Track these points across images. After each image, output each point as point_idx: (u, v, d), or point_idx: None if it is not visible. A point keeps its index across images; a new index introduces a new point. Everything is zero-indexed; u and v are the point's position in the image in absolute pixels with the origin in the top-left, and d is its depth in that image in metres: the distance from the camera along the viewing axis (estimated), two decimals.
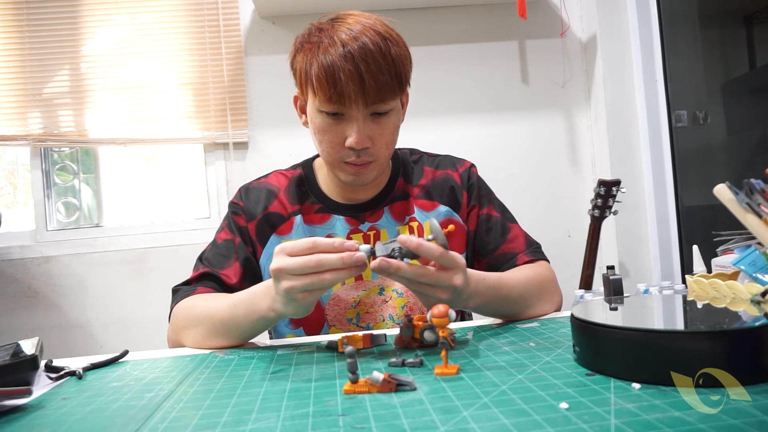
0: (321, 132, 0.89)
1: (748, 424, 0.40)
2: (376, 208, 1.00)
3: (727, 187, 0.67)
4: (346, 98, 0.83)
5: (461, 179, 1.04)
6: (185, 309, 0.87)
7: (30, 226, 2.20)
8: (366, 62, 0.81)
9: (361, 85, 0.82)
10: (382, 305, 0.98)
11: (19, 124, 2.13)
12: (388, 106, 0.87)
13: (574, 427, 0.43)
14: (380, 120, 0.88)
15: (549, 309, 0.91)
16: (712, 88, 2.25)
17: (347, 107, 0.85)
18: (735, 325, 0.53)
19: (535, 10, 2.24)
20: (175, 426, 0.50)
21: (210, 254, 0.98)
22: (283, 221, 0.99)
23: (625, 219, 2.10)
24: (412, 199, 1.02)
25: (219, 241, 0.99)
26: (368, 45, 0.82)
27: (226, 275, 0.94)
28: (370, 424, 0.47)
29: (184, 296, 0.90)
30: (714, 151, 2.25)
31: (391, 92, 0.85)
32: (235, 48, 2.19)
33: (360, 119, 0.86)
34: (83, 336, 2.13)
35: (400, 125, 0.94)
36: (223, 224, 1.02)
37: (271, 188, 1.02)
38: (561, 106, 2.30)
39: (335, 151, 0.90)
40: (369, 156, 0.89)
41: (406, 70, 0.88)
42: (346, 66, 0.81)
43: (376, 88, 0.83)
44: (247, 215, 1.00)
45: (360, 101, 0.84)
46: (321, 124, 0.89)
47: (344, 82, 0.82)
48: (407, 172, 1.04)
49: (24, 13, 2.14)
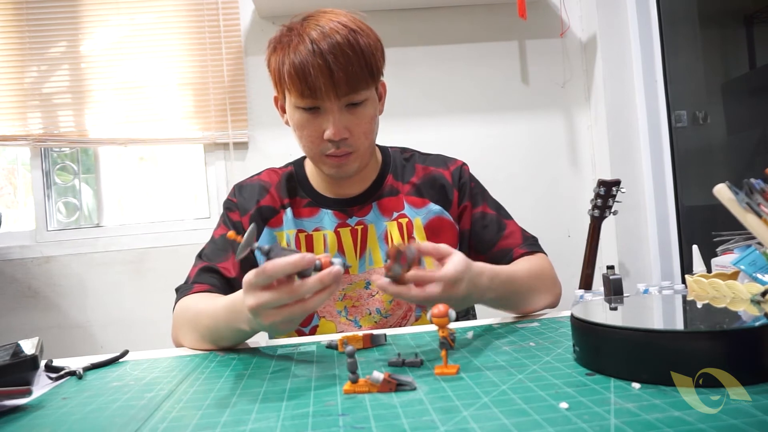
0: (300, 128, 0.92)
1: (748, 424, 0.40)
2: (365, 203, 1.02)
3: (727, 187, 0.67)
4: (318, 92, 0.86)
5: (452, 177, 1.05)
6: (182, 310, 0.89)
7: (30, 226, 2.20)
8: (334, 55, 0.84)
9: (330, 78, 0.85)
10: (369, 299, 0.99)
11: (19, 124, 2.13)
12: (361, 96, 0.90)
13: (574, 427, 0.43)
14: (356, 110, 0.90)
15: (551, 300, 0.94)
16: (712, 88, 2.25)
17: (321, 100, 0.87)
18: (735, 325, 0.53)
19: (535, 10, 2.24)
20: (175, 426, 0.50)
21: (208, 250, 0.99)
22: (274, 214, 1.01)
23: (625, 219, 2.10)
24: (402, 195, 1.03)
25: (216, 237, 1.01)
26: (336, 39, 0.85)
27: (225, 268, 0.96)
28: (370, 424, 0.47)
29: (182, 296, 0.91)
30: (714, 151, 2.25)
31: (362, 82, 0.88)
32: (235, 48, 2.19)
33: (335, 111, 0.88)
34: (83, 336, 2.13)
35: (377, 115, 0.96)
36: (219, 221, 1.04)
37: (263, 184, 1.04)
38: (561, 106, 2.30)
39: (315, 145, 0.92)
40: (348, 146, 0.92)
41: (377, 60, 0.90)
42: (316, 61, 0.84)
43: (347, 79, 0.85)
44: (241, 210, 1.02)
45: (332, 93, 0.86)
46: (299, 119, 0.91)
47: (314, 76, 0.84)
48: (397, 169, 1.06)
49: (24, 13, 2.14)
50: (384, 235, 1.01)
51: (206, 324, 0.81)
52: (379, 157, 1.06)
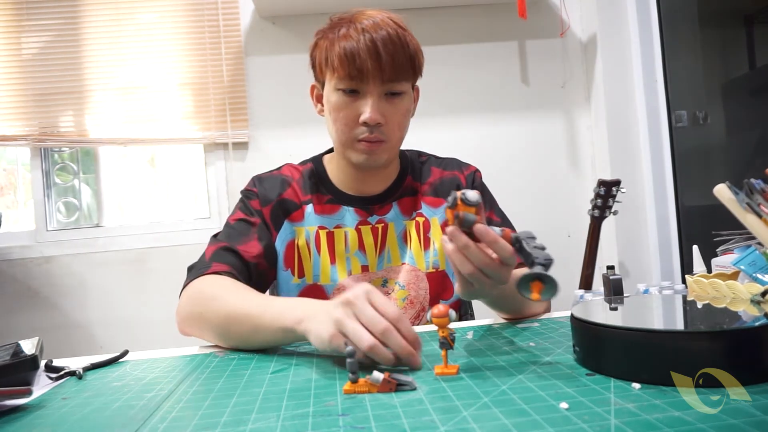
0: (337, 110, 0.93)
1: (748, 424, 0.40)
2: (385, 201, 1.03)
3: (727, 187, 0.67)
4: (365, 73, 0.89)
5: (466, 181, 1.07)
6: (197, 292, 0.85)
7: (30, 226, 2.20)
8: (384, 43, 0.89)
9: (378, 62, 0.88)
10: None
11: (19, 124, 2.12)
12: (401, 87, 0.93)
13: (574, 427, 0.43)
14: (394, 100, 0.93)
15: (543, 309, 0.94)
16: (712, 88, 2.25)
17: (364, 83, 0.90)
18: (735, 325, 0.53)
19: (535, 10, 2.24)
20: (175, 426, 0.50)
21: (224, 234, 0.97)
22: (296, 208, 1.01)
23: (625, 219, 2.10)
24: (420, 195, 1.05)
25: (232, 222, 0.99)
26: (387, 30, 0.90)
27: (245, 250, 0.94)
28: (370, 424, 0.47)
29: (198, 274, 0.88)
30: (714, 151, 2.24)
31: (405, 73, 0.92)
32: (235, 48, 2.19)
33: (375, 96, 0.91)
34: (83, 336, 2.13)
35: (411, 113, 1.00)
36: (236, 209, 1.02)
37: (285, 178, 1.04)
38: (561, 107, 2.30)
39: (349, 128, 0.93)
40: (381, 134, 0.93)
41: (420, 60, 0.96)
42: (366, 44, 0.88)
43: (393, 66, 0.89)
44: (262, 200, 1.00)
45: (377, 77, 0.89)
46: (337, 102, 0.93)
47: (363, 58, 0.88)
48: (415, 171, 1.07)
49: (24, 13, 2.14)
50: (403, 234, 1.01)
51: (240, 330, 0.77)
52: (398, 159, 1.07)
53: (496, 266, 0.63)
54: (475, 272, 0.64)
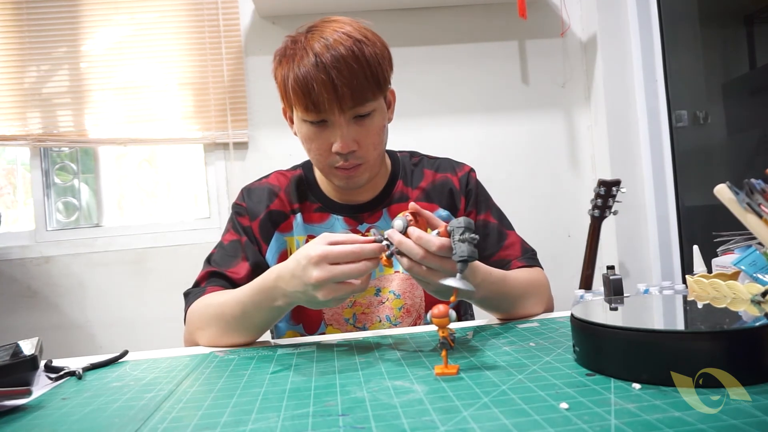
0: (308, 140, 0.91)
1: (748, 424, 0.40)
2: (375, 209, 1.01)
3: (727, 187, 0.67)
4: (322, 106, 0.85)
5: (460, 184, 1.04)
6: (199, 309, 0.88)
7: (30, 226, 2.20)
8: (338, 69, 0.83)
9: (334, 93, 0.83)
10: (378, 306, 0.98)
11: (19, 124, 2.12)
12: (368, 108, 0.88)
13: (574, 427, 0.43)
14: (363, 122, 0.89)
15: (543, 309, 0.94)
16: (712, 88, 2.25)
17: (327, 114, 0.86)
18: (735, 325, 0.53)
19: (535, 10, 2.24)
20: (175, 426, 0.50)
21: (217, 256, 0.98)
22: (284, 219, 1.01)
23: (625, 219, 2.10)
24: (411, 201, 1.02)
25: (225, 243, 1.00)
26: (340, 51, 0.83)
27: (234, 272, 0.95)
28: (370, 424, 0.47)
29: (196, 298, 0.91)
30: (714, 151, 2.24)
31: (368, 94, 0.87)
32: (235, 48, 2.19)
33: (342, 124, 0.87)
34: (83, 336, 2.12)
35: (386, 125, 0.94)
36: (228, 226, 1.02)
37: (272, 188, 1.03)
38: (561, 106, 2.30)
39: (323, 158, 0.91)
40: (357, 159, 0.90)
41: (383, 69, 0.88)
42: (319, 75, 0.83)
43: (351, 93, 0.84)
44: (251, 215, 1.00)
45: (336, 108, 0.85)
46: (307, 132, 0.90)
47: (317, 91, 0.83)
48: (406, 175, 1.05)
49: (24, 13, 2.13)
50: None
51: (233, 312, 0.81)
52: (388, 163, 1.05)
53: (435, 258, 0.68)
54: (413, 267, 0.70)
